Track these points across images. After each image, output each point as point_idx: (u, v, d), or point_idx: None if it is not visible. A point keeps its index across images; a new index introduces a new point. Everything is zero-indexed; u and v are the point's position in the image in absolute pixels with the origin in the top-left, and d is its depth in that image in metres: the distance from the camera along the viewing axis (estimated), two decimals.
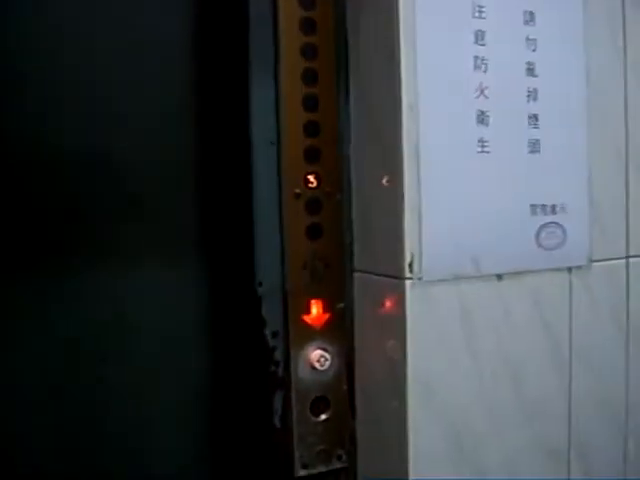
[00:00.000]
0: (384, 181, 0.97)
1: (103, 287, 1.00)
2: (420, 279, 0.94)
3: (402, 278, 0.94)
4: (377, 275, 1.01)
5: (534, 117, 1.01)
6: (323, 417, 1.04)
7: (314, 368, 1.03)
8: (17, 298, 0.96)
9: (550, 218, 1.03)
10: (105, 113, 0.99)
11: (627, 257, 1.12)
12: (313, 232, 1.03)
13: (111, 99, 1.00)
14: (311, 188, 1.03)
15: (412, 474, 0.95)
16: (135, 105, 1.02)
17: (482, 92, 0.97)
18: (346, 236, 1.05)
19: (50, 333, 0.97)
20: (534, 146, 1.02)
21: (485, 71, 0.97)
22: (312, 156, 1.03)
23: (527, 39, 1.00)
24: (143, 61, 1.02)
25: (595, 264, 1.08)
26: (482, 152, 0.98)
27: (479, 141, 0.97)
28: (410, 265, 0.94)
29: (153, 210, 1.04)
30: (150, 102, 1.03)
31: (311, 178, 1.02)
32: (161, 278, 1.03)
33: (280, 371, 1.02)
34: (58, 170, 0.97)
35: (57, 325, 0.97)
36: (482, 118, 0.97)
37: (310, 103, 1.02)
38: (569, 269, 1.06)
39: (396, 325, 0.96)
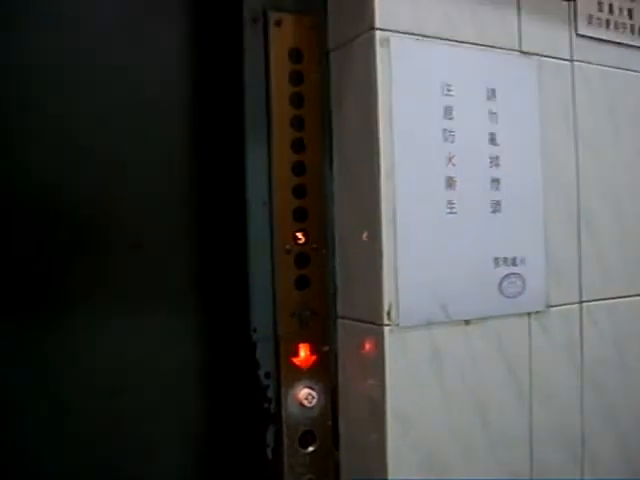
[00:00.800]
0: (364, 238, 1.03)
1: (106, 334, 1.04)
2: (397, 325, 1.00)
3: (381, 324, 1.00)
4: (358, 321, 1.06)
5: (496, 181, 1.09)
6: (310, 449, 1.09)
7: (302, 405, 1.08)
8: (17, 344, 0.99)
9: (511, 269, 1.10)
10: (109, 172, 1.04)
11: (580, 302, 1.19)
12: (301, 283, 1.09)
13: (116, 161, 1.05)
14: (299, 244, 1.09)
15: None
16: (140, 168, 1.07)
17: (450, 160, 1.04)
18: (330, 287, 1.11)
19: (50, 383, 1.00)
20: (496, 206, 1.09)
21: (452, 142, 1.05)
22: (300, 216, 1.09)
23: (489, 113, 1.09)
24: (147, 131, 1.08)
25: (552, 309, 1.15)
26: (450, 213, 1.05)
27: (448, 203, 1.04)
28: (388, 313, 0.99)
29: (156, 262, 1.08)
30: (152, 166, 1.08)
31: (300, 235, 1.09)
32: (163, 325, 1.07)
33: (272, 408, 1.07)
34: (59, 221, 1.01)
35: (57, 374, 1.01)
36: (450, 183, 1.04)
37: (298, 169, 1.09)
38: (529, 314, 1.13)
39: (376, 366, 1.01)
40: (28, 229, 1.00)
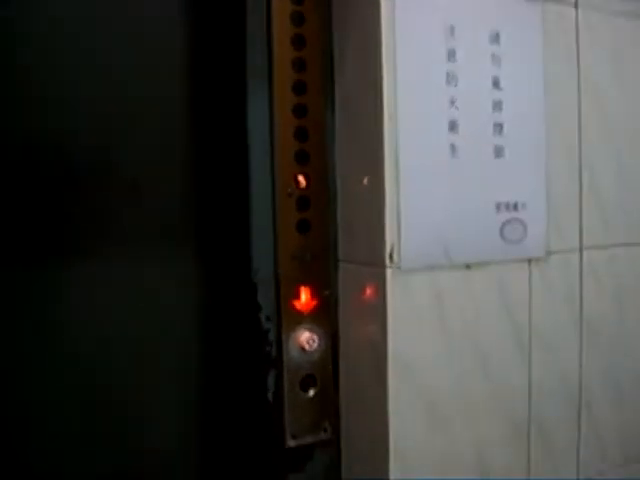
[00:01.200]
0: (366, 181, 1.02)
1: (100, 277, 1.02)
2: (399, 268, 0.99)
3: (383, 267, 0.99)
4: (360, 264, 1.05)
5: (499, 126, 1.08)
6: (311, 393, 1.09)
7: (303, 349, 1.07)
8: (12, 288, 0.97)
9: (512, 214, 1.09)
10: (107, 110, 1.02)
11: (580, 249, 1.19)
12: (302, 227, 1.08)
13: (114, 96, 1.03)
14: (301, 188, 1.08)
15: (392, 445, 1.00)
16: (138, 108, 1.05)
17: (453, 104, 1.04)
18: (332, 230, 1.10)
19: (48, 321, 0.99)
20: (499, 152, 1.08)
21: (456, 85, 1.04)
22: (302, 159, 1.08)
23: (493, 56, 1.07)
24: (146, 70, 1.05)
25: (552, 256, 1.14)
26: (453, 157, 1.04)
27: (450, 147, 1.03)
28: (390, 255, 0.99)
29: (150, 201, 1.06)
30: (151, 106, 1.06)
31: (301, 179, 1.08)
32: (162, 267, 1.06)
33: (273, 351, 1.06)
34: (55, 158, 0.99)
35: (53, 313, 1.00)
36: (453, 126, 1.04)
37: (300, 111, 1.08)
38: (529, 260, 1.12)
39: (377, 310, 1.01)
40: (20, 170, 0.98)
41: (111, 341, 1.04)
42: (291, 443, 1.09)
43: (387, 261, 1.00)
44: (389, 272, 1.00)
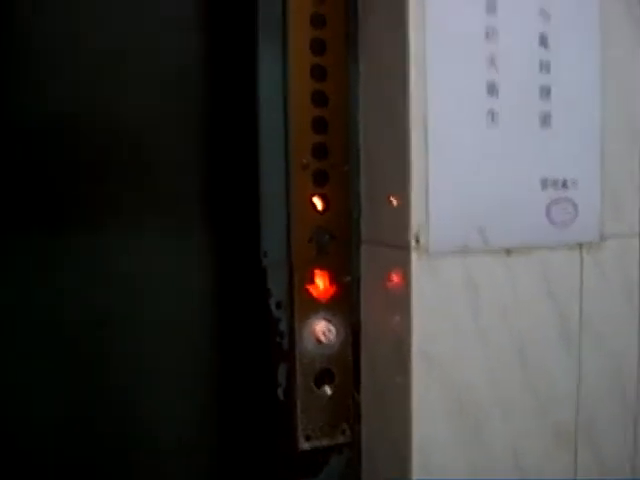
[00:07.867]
0: (391, 153, 0.94)
1: (107, 257, 0.99)
2: (427, 250, 0.91)
3: (408, 250, 0.91)
4: (383, 247, 0.97)
5: (546, 89, 0.96)
6: (328, 390, 1.02)
7: (319, 341, 1.00)
8: (17, 258, 0.95)
9: (561, 193, 0.99)
10: (110, 66, 0.98)
11: None
12: (320, 203, 1.00)
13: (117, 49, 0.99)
14: (318, 159, 0.99)
15: (415, 450, 0.92)
16: (143, 64, 1.01)
17: (493, 62, 0.93)
18: (355, 209, 1.02)
19: (50, 300, 0.97)
20: (545, 119, 0.97)
21: (496, 42, 0.93)
22: (320, 126, 0.99)
23: (540, 10, 0.96)
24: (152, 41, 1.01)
25: (607, 240, 1.04)
26: (492, 124, 0.94)
27: (489, 112, 0.93)
28: (416, 237, 0.90)
29: (158, 177, 1.02)
30: (159, 66, 1.02)
31: (318, 149, 0.99)
32: (166, 247, 1.02)
33: (285, 343, 0.99)
34: (61, 128, 0.96)
35: (58, 292, 0.97)
36: (492, 89, 0.93)
37: (318, 73, 0.98)
38: (580, 245, 1.02)
39: (401, 298, 0.93)
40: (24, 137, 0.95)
41: (113, 327, 1.00)
42: (304, 446, 1.01)
43: (413, 243, 0.91)
44: (415, 256, 0.91)
